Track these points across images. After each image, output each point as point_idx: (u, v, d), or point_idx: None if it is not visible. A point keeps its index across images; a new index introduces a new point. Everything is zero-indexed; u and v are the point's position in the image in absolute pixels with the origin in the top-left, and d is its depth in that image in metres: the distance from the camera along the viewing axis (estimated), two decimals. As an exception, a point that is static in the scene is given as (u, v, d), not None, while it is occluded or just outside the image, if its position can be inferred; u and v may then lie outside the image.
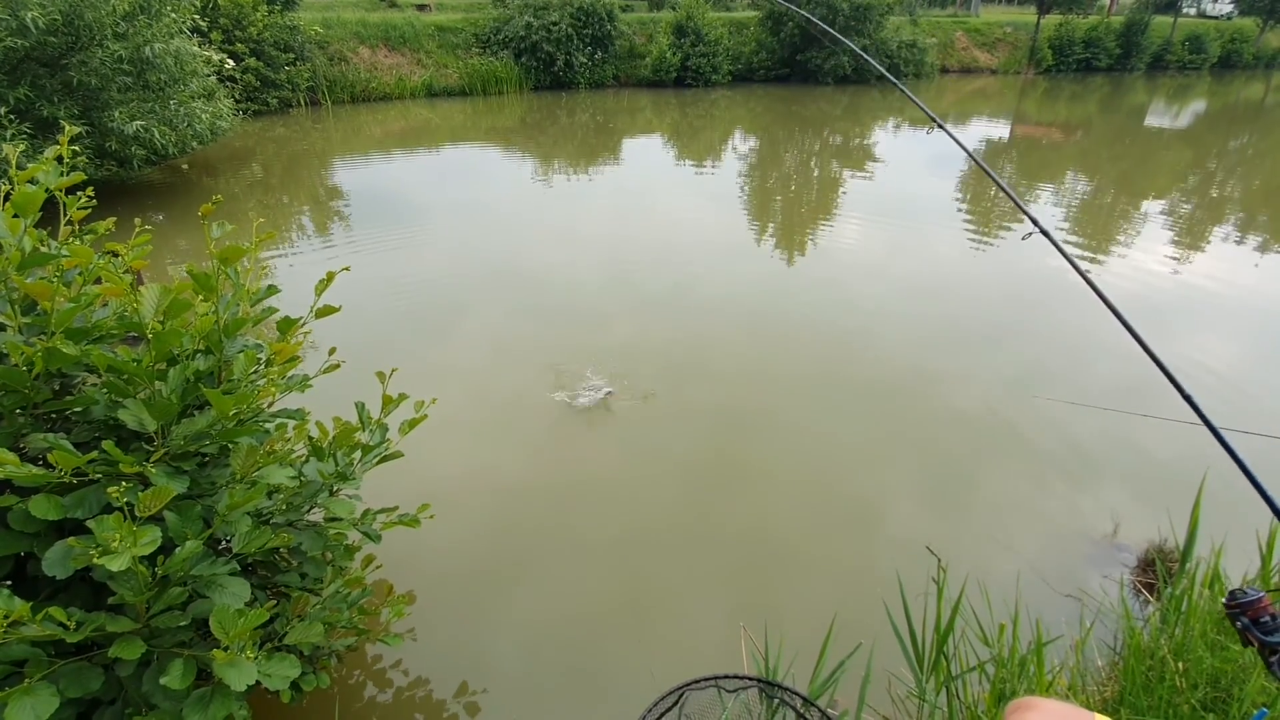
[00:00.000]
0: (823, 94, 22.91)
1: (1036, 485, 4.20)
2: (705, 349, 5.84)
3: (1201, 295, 7.48)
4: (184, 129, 8.75)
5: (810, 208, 11.17)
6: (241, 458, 1.66)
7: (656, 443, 4.55)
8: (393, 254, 8.14)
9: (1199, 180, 13.95)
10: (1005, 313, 6.98)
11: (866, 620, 2.57)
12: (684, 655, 2.95)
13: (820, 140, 16.95)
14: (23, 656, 1.46)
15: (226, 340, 1.86)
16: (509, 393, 5.03)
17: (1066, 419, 4.79)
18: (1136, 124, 20.65)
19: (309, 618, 2.01)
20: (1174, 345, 6.19)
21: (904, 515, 3.90)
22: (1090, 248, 9.17)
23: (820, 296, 7.18)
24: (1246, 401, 5.27)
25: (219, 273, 1.78)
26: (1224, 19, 37.59)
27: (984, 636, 2.11)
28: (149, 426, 1.66)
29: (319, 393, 2.51)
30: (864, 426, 4.80)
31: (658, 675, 2.86)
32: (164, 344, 1.60)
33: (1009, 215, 10.73)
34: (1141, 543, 3.48)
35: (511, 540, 3.68)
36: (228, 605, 1.58)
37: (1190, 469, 4.33)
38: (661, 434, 4.61)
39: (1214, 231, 9.99)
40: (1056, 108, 23.19)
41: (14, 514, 1.51)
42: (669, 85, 22.91)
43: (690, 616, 3.18)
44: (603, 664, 3.00)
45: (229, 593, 1.65)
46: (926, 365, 5.63)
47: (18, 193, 1.63)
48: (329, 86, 18.55)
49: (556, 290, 7.16)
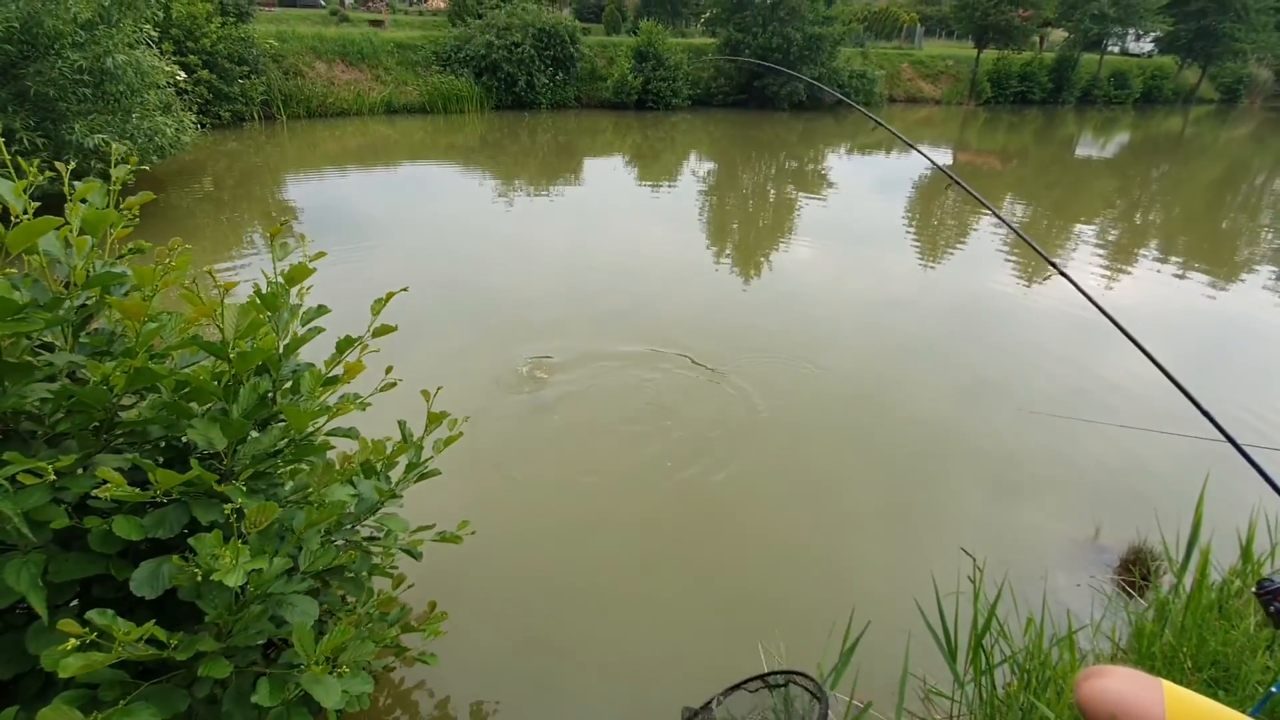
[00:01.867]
0: (779, 119, 23.68)
1: (1008, 493, 4.45)
2: (660, 364, 5.97)
3: (1128, 314, 8.06)
4: (144, 143, 8.47)
5: (766, 228, 11.53)
6: (318, 476, 1.67)
7: (605, 451, 4.63)
8: (344, 269, 8.01)
9: (1125, 207, 14.97)
10: (955, 326, 7.38)
11: (875, 624, 2.70)
12: (699, 669, 3.01)
13: (776, 163, 17.50)
14: (101, 679, 1.44)
15: (285, 360, 1.88)
16: (462, 403, 5.04)
17: (1020, 429, 5.13)
18: (1068, 154, 22.01)
19: (359, 636, 2.02)
20: (1105, 360, 6.67)
21: (879, 524, 4.08)
22: (1027, 270, 9.77)
23: (777, 312, 7.40)
24: (1165, 410, 5.74)
25: (283, 292, 1.81)
26: (1145, 57, 40.57)
27: (1004, 631, 2.27)
28: (218, 445, 1.66)
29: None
30: (828, 441, 4.99)
31: (667, 692, 2.93)
32: (247, 364, 1.62)
33: (957, 236, 11.33)
34: (1120, 545, 3.74)
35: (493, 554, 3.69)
36: (304, 623, 1.59)
37: (1140, 474, 4.73)
38: (604, 442, 4.72)
39: (1139, 255, 10.76)
40: (995, 137, 24.54)
41: (94, 535, 1.49)
42: (630, 107, 23.31)
43: (697, 631, 3.24)
44: (612, 686, 3.04)
45: (299, 610, 1.65)
46: (885, 377, 5.89)
47: (89, 212, 1.63)
48: (284, 101, 18.18)
49: (510, 307, 7.14)
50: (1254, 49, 36.20)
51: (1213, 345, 7.40)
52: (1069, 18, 32.79)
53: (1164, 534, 2.99)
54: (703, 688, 2.56)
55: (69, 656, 1.20)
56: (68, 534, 1.59)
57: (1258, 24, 34.37)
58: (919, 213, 13.30)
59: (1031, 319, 7.84)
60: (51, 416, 1.62)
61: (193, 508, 1.54)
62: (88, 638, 1.24)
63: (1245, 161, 22.39)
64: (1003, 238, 11.55)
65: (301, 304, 1.99)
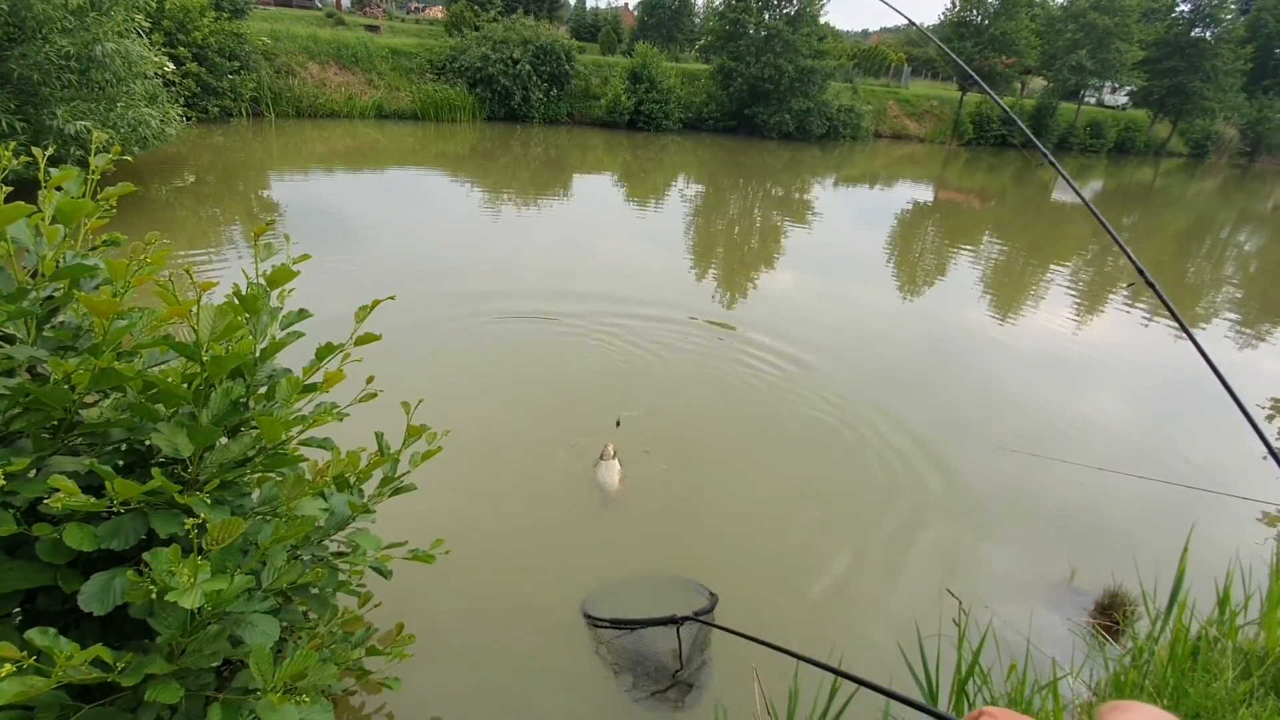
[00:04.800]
0: (767, 147, 24.03)
1: (984, 532, 4.45)
2: (638, 383, 5.94)
3: (1096, 355, 8.24)
4: (127, 133, 8.29)
5: (751, 253, 11.62)
6: (288, 488, 1.59)
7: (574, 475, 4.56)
8: (326, 273, 7.84)
9: (1097, 251, 15.38)
10: (930, 361, 7.45)
11: (854, 663, 2.66)
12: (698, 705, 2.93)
13: (763, 190, 17.71)
14: (38, 702, 1.34)
15: (260, 365, 1.80)
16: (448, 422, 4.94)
17: (996, 467, 5.16)
18: (1044, 198, 22.62)
19: (321, 659, 1.91)
20: (1076, 398, 6.78)
21: (856, 562, 4.05)
22: (1000, 306, 9.95)
23: (759, 337, 7.39)
24: (1132, 447, 5.86)
25: (264, 295, 1.73)
26: (1120, 109, 42.08)
27: (985, 676, 2.23)
28: (184, 452, 1.57)
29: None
30: (797, 471, 4.98)
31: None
32: (221, 369, 1.54)
33: (938, 268, 11.52)
34: (1095, 588, 3.75)
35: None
36: (262, 646, 1.50)
37: (1113, 517, 4.77)
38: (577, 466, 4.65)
39: (1109, 299, 11.03)
40: (975, 176, 25.16)
41: (43, 544, 1.40)
42: (622, 127, 23.50)
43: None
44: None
45: (259, 631, 1.54)
46: (862, 409, 5.90)
47: (64, 200, 1.55)
48: (274, 99, 18.02)
49: (494, 319, 7.06)
50: (1221, 108, 37.80)
51: (1175, 389, 7.58)
52: (1049, 67, 33.97)
53: (1142, 579, 2.98)
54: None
55: (4, 681, 1.11)
56: (14, 540, 1.48)
57: (1225, 85, 35.95)
58: (899, 244, 13.52)
59: (1006, 355, 7.96)
60: (6, 414, 1.52)
61: (152, 519, 1.45)
62: (25, 661, 1.14)
63: (1210, 215, 23.22)
64: (980, 274, 11.79)
65: (281, 307, 1.92)
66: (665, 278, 9.34)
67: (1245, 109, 40.25)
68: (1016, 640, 3.10)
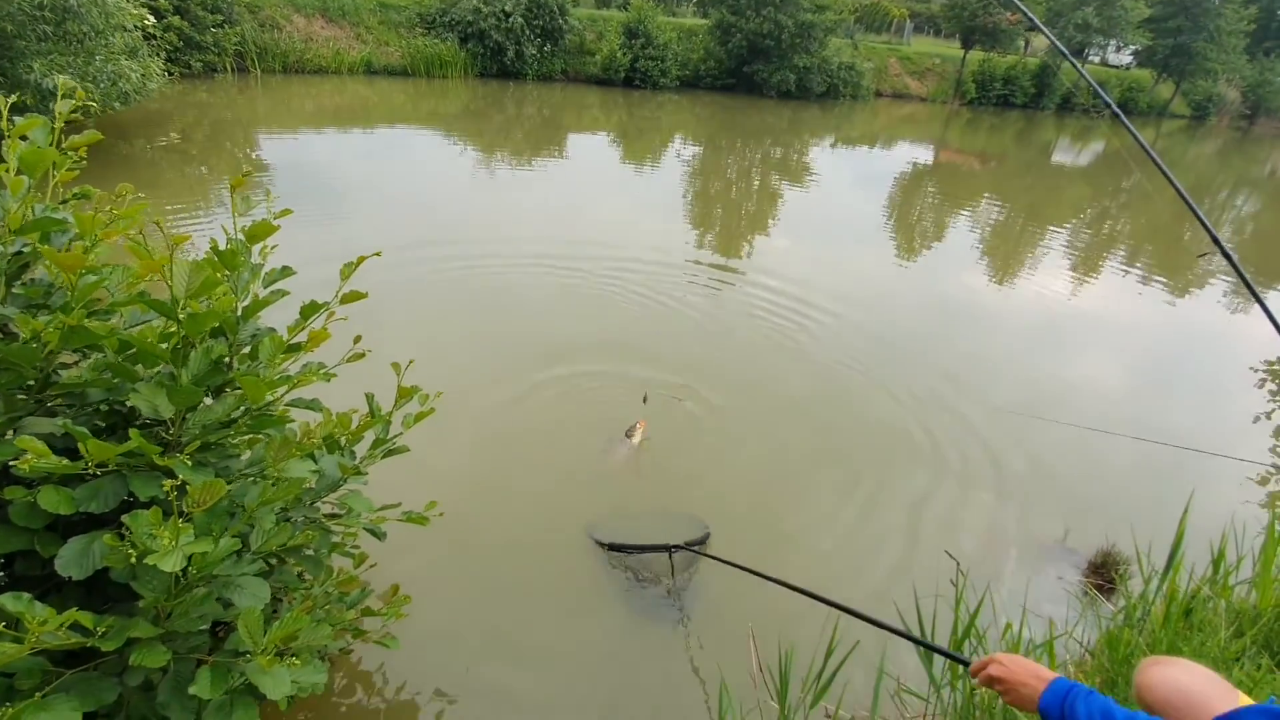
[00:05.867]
0: (767, 106, 23.51)
1: (979, 490, 4.47)
2: (633, 348, 5.90)
3: (1093, 317, 8.22)
4: (108, 88, 8.00)
5: (749, 216, 11.44)
6: (275, 450, 1.54)
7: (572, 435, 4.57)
8: (316, 232, 7.70)
9: (1095, 214, 15.23)
10: (930, 322, 7.42)
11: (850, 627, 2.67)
12: (695, 666, 2.95)
13: (762, 151, 17.39)
14: (17, 668, 1.31)
15: (243, 324, 1.73)
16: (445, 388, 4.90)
17: (992, 427, 5.16)
18: (1044, 159, 22.31)
19: (314, 619, 1.90)
20: (1073, 360, 6.78)
21: (853, 521, 4.07)
22: (998, 268, 9.89)
23: (755, 299, 7.33)
24: (1121, 410, 5.88)
25: (244, 251, 1.66)
26: (1124, 69, 41.26)
27: (980, 636, 2.24)
28: (164, 413, 1.52)
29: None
30: (801, 434, 4.97)
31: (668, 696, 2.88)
32: (199, 327, 1.48)
33: (936, 231, 11.40)
34: (1088, 547, 3.78)
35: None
36: (253, 608, 1.48)
37: (1106, 477, 4.79)
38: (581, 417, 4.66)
39: (1106, 262, 10.96)
40: (977, 137, 24.75)
41: (17, 508, 1.35)
42: (617, 84, 22.92)
43: (695, 625, 3.19)
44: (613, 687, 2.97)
45: (249, 594, 1.52)
46: (859, 371, 5.88)
47: (28, 150, 1.46)
48: (259, 54, 17.46)
49: (487, 286, 6.97)
50: (1224, 69, 37.19)
51: (1167, 353, 7.58)
52: (1054, 24, 33.09)
53: (1136, 539, 2.98)
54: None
55: (-25, 646, 1.07)
56: (-10, 504, 1.44)
57: (1229, 46, 35.34)
58: (899, 206, 13.35)
59: (1002, 317, 7.93)
60: (-24, 374, 1.46)
61: (131, 481, 1.40)
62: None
63: (1210, 177, 22.97)
64: (979, 235, 11.67)
65: (264, 264, 1.84)
66: (662, 237, 9.22)
67: (1247, 71, 39.60)
68: (1012, 600, 3.14)
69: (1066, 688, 1.31)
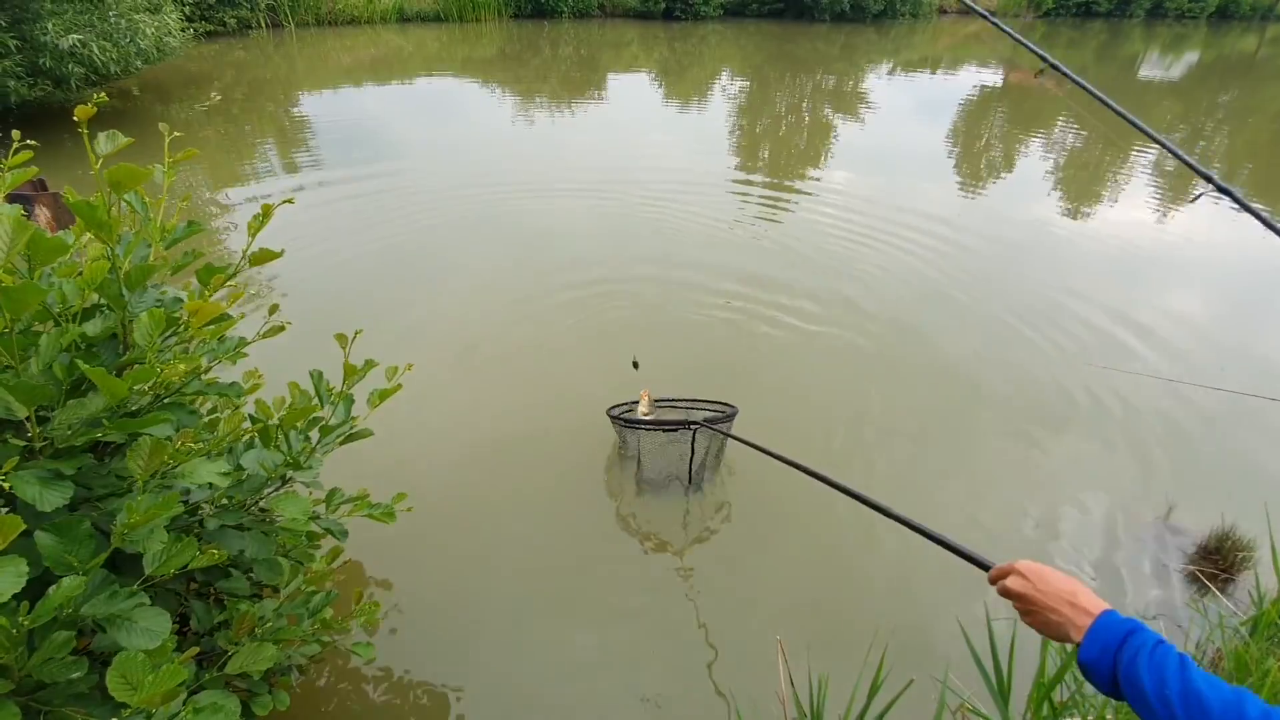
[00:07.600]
0: (818, 32, 22.03)
1: (1066, 458, 4.02)
2: (690, 293, 5.66)
3: (1179, 250, 7.43)
4: (126, 44, 7.88)
5: (800, 153, 10.77)
6: (144, 458, 1.28)
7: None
8: (366, 195, 7.62)
9: (1186, 135, 13.78)
10: (1003, 262, 6.84)
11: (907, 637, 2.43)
12: (712, 673, 2.80)
13: (814, 82, 16.33)
14: None
15: (129, 294, 1.46)
16: (491, 349, 4.76)
17: (1080, 384, 4.69)
18: (1129, 76, 20.27)
19: (258, 637, 1.72)
20: (1151, 298, 6.14)
21: (916, 495, 3.78)
22: (1074, 198, 9.05)
23: (811, 240, 6.91)
24: (1217, 356, 5.27)
25: (113, 203, 1.40)
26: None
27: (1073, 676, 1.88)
28: (18, 413, 1.28)
29: (285, 364, 2.22)
30: (865, 387, 4.64)
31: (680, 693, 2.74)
32: (20, 302, 1.19)
33: (1002, 163, 10.52)
34: (1198, 528, 3.29)
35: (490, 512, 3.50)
36: (135, 653, 1.20)
37: (1220, 445, 4.12)
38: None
39: (1196, 188, 9.90)
40: (1053, 54, 22.51)
41: None
42: (657, 17, 21.82)
43: (715, 625, 2.95)
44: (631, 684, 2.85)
45: (140, 630, 1.26)
46: (923, 318, 5.47)
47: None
48: (292, 6, 17.24)
49: (537, 235, 6.79)
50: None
51: (1266, 288, 6.77)
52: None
53: (1271, 524, 2.46)
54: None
55: None
56: None
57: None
58: (963, 136, 12.37)
59: (1080, 256, 7.23)
60: None
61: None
62: None
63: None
64: (1053, 163, 10.71)
65: (158, 218, 1.61)
66: (710, 172, 8.81)
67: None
68: (1098, 583, 2.83)
69: (1123, 632, 0.92)
